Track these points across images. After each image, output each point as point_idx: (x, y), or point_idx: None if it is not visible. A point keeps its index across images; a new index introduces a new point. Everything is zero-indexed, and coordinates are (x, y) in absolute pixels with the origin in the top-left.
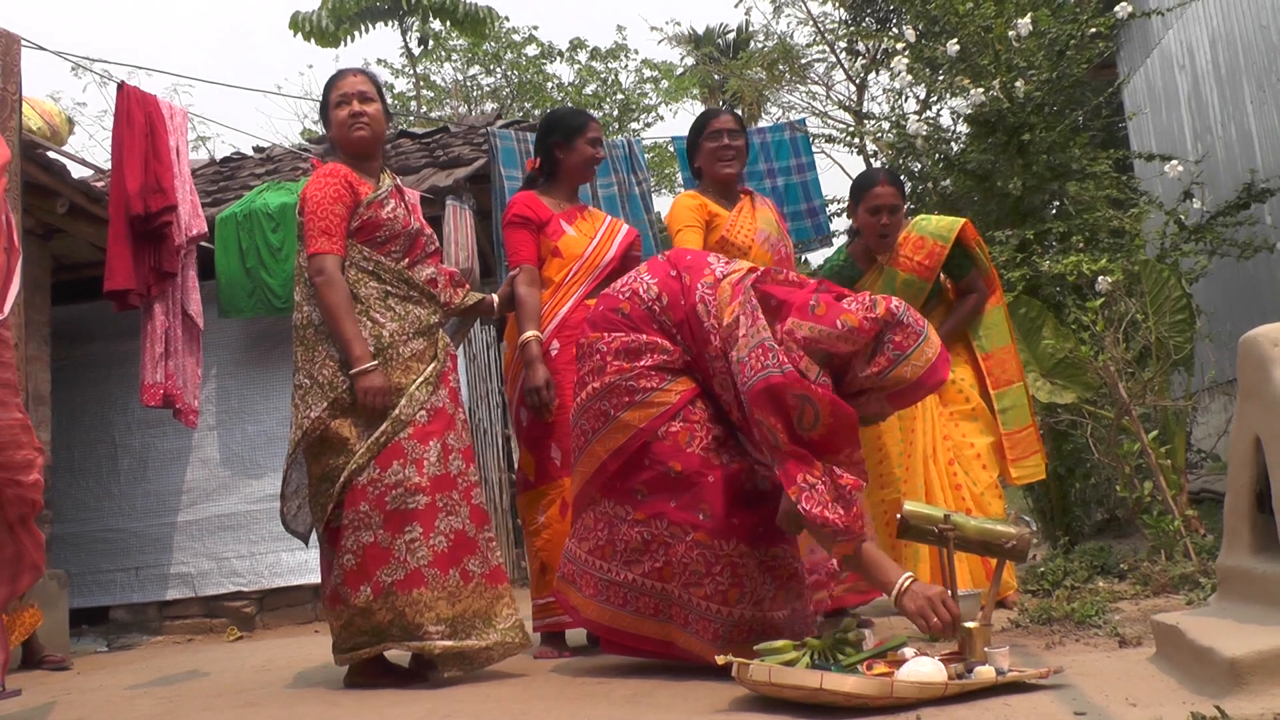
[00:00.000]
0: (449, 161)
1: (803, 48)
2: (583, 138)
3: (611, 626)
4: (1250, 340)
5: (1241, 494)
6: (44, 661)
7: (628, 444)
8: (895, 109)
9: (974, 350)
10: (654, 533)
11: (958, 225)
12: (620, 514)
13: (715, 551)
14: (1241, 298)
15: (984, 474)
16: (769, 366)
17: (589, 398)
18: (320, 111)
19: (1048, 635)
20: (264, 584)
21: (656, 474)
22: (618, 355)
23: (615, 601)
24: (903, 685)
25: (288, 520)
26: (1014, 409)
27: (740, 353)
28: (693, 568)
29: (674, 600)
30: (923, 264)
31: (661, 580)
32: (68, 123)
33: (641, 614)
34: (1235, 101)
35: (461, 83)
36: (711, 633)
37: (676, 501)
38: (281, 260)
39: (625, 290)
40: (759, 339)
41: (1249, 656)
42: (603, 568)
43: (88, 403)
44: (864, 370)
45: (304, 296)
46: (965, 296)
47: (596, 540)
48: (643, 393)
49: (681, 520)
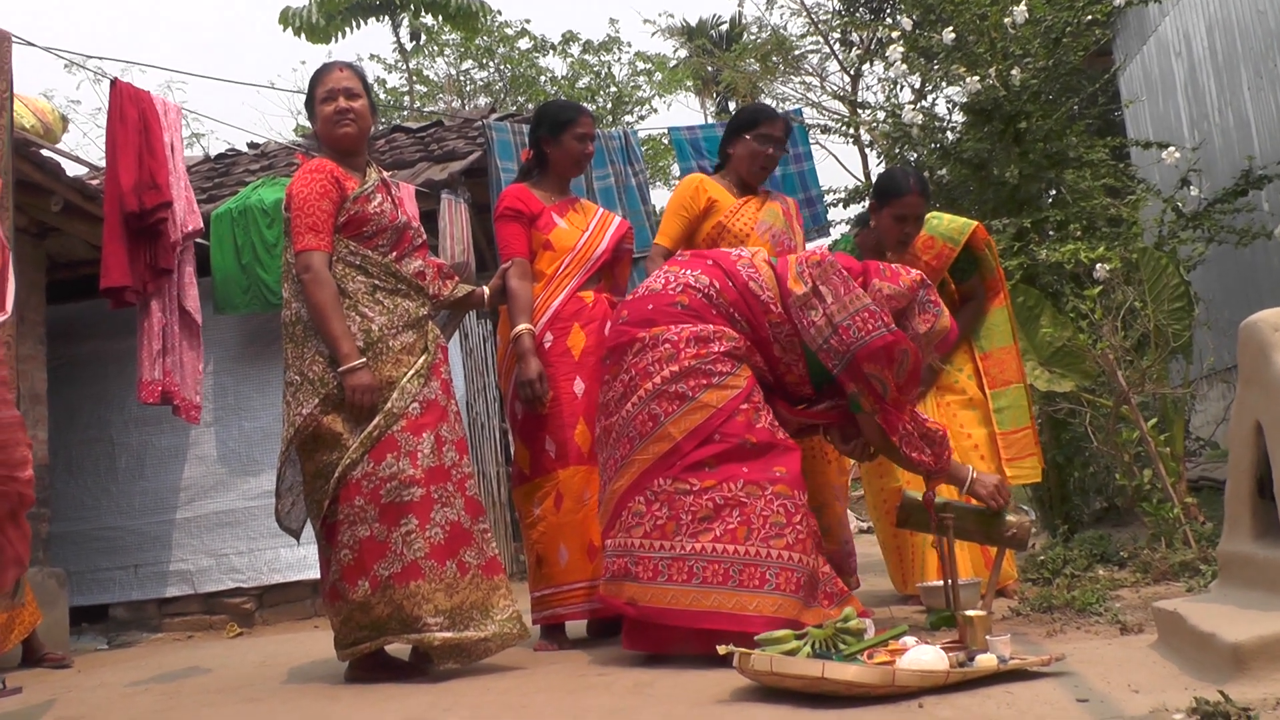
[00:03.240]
0: (444, 155)
1: (796, 39)
2: (569, 133)
3: (672, 608)
4: (1251, 325)
5: (1242, 480)
6: (44, 659)
7: (706, 424)
8: (890, 99)
9: (973, 350)
10: (727, 495)
11: (969, 229)
12: (683, 489)
13: (795, 501)
14: (1239, 284)
15: (982, 465)
16: (880, 327)
17: (664, 382)
18: (306, 105)
19: (1048, 623)
20: (263, 580)
21: (730, 446)
22: (689, 343)
23: (679, 578)
24: (904, 674)
25: (281, 517)
26: (1011, 409)
27: (839, 317)
28: (773, 519)
29: (748, 561)
30: (930, 264)
31: (734, 542)
32: (61, 120)
33: (708, 584)
34: (1232, 88)
35: (454, 77)
36: (795, 583)
37: (750, 466)
38: (277, 256)
39: (675, 285)
40: (862, 304)
41: (1251, 642)
42: (663, 546)
43: (85, 401)
44: (917, 327)
45: (293, 293)
46: (966, 303)
47: (654, 521)
48: (719, 375)
49: (759, 478)
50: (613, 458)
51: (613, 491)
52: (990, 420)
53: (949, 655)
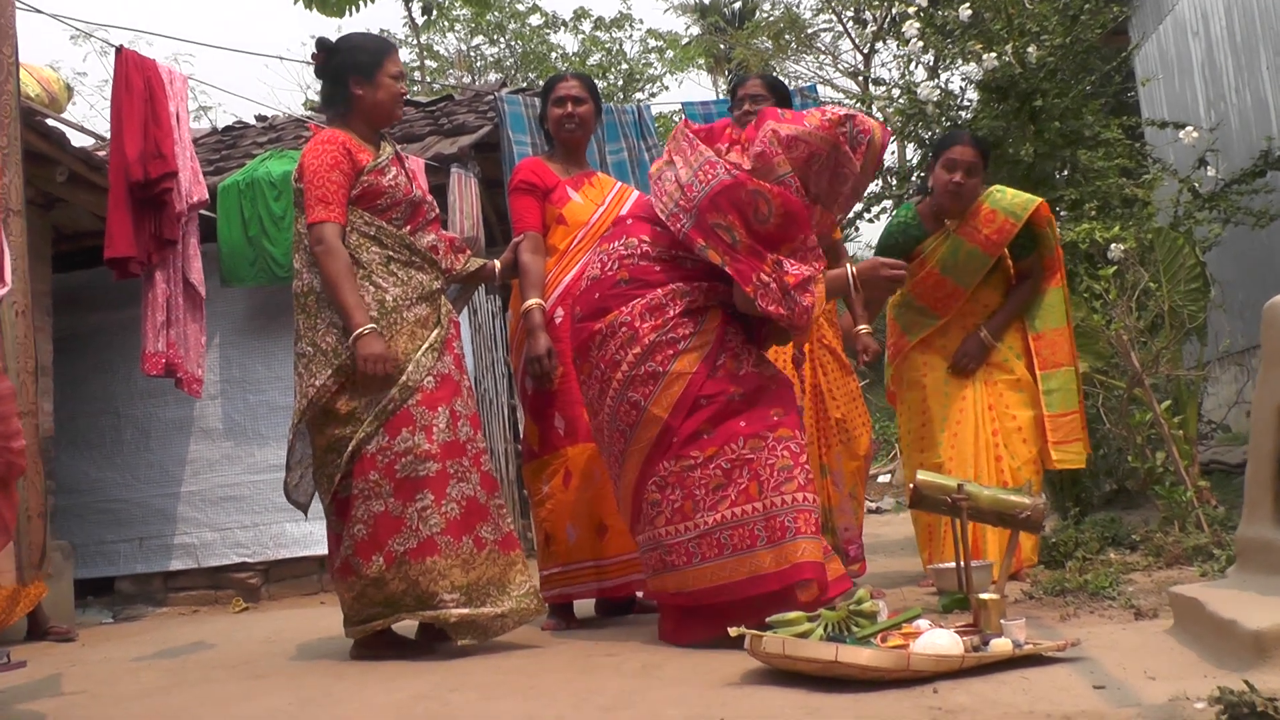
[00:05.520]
0: (454, 129)
1: (809, 17)
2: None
3: (713, 585)
4: (1275, 307)
5: (1263, 463)
6: (49, 633)
7: (685, 393)
8: (905, 76)
9: (1025, 330)
10: (732, 457)
11: (1032, 205)
12: (688, 464)
13: (798, 442)
14: (1256, 266)
15: (1024, 448)
16: (718, 175)
17: (632, 366)
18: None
19: (1061, 607)
20: (269, 555)
21: (718, 406)
22: (643, 318)
23: (710, 554)
24: (919, 658)
25: (290, 490)
26: (1060, 391)
27: (684, 176)
28: (780, 464)
29: (770, 514)
30: (990, 238)
31: (750, 500)
32: (66, 90)
33: (739, 550)
34: (1250, 68)
35: (465, 53)
36: (814, 524)
37: (746, 418)
38: (284, 229)
39: (611, 263)
40: (703, 158)
41: (1274, 629)
42: (687, 527)
43: (90, 373)
44: (854, 166)
45: (304, 263)
46: (1022, 281)
47: (672, 506)
48: (683, 340)
49: (758, 429)
50: (612, 455)
51: (624, 488)
52: (1038, 403)
53: (964, 639)
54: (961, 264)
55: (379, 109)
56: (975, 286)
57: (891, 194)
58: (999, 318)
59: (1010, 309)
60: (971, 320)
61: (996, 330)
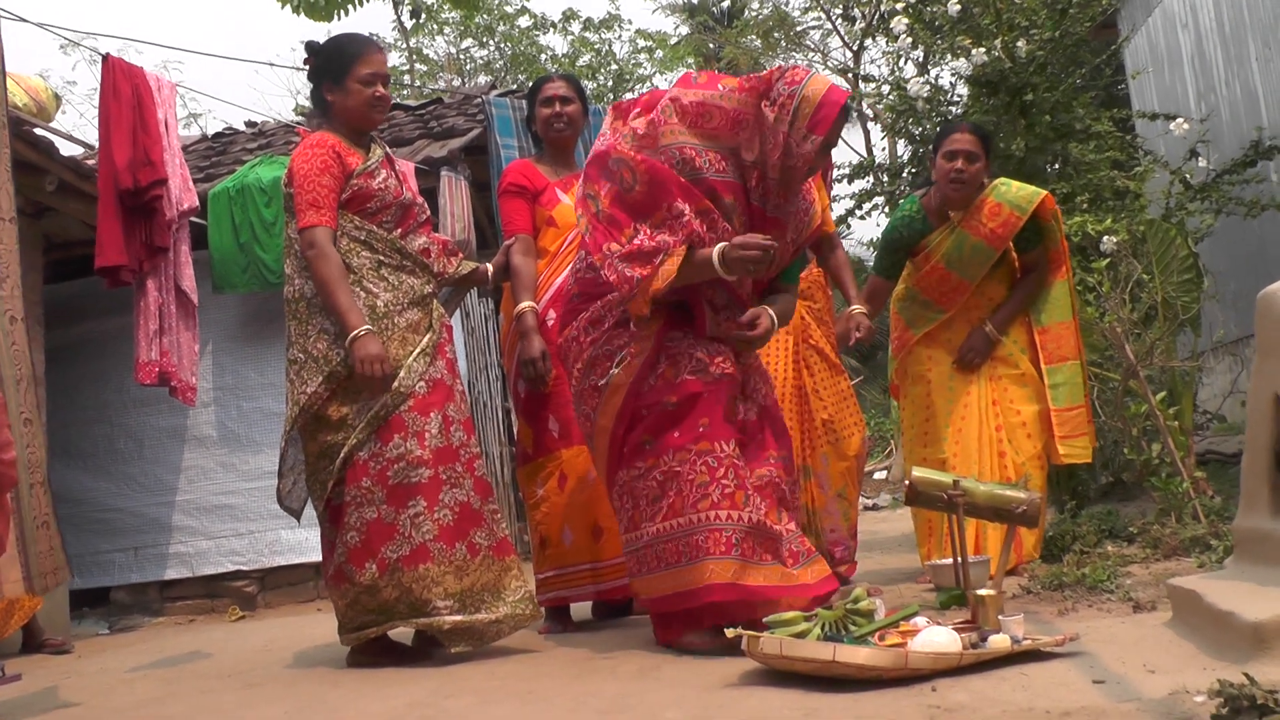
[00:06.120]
0: (443, 132)
1: (798, 15)
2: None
3: (658, 596)
4: (1270, 296)
5: (1260, 454)
6: (44, 645)
7: (625, 405)
8: (894, 72)
9: (1030, 324)
10: (665, 470)
11: (1038, 198)
12: (635, 474)
13: (716, 455)
14: (1248, 256)
15: (1028, 443)
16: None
17: (579, 380)
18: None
19: (1059, 601)
20: (264, 563)
21: (656, 416)
22: (586, 332)
23: (654, 565)
24: (917, 656)
25: (283, 497)
26: (1066, 386)
27: None
28: (698, 480)
29: (693, 530)
30: (995, 231)
31: (676, 515)
32: (55, 99)
33: (671, 564)
34: (1240, 59)
35: (454, 56)
36: (725, 542)
37: (679, 429)
38: (275, 235)
39: (570, 279)
40: (602, 132)
41: (1273, 621)
42: (639, 537)
43: (83, 382)
44: (774, 124)
45: (295, 269)
46: (1027, 274)
47: (627, 515)
48: (619, 350)
49: (684, 442)
50: (592, 465)
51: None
52: (1042, 397)
53: (962, 636)
54: (966, 258)
55: (351, 114)
56: (980, 280)
57: (883, 190)
58: (1004, 312)
59: (1015, 303)
60: (976, 314)
61: (1001, 324)
